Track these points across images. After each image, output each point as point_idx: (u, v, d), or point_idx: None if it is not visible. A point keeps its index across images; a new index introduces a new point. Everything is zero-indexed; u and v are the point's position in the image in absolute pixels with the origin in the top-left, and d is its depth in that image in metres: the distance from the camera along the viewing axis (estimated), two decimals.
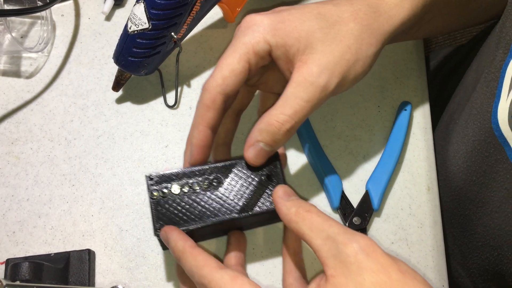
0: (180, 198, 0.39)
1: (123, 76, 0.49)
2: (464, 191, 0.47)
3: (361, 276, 0.31)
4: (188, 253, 0.35)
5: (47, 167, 0.49)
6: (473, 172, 0.45)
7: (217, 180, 0.40)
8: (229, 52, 0.39)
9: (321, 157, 0.48)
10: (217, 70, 0.39)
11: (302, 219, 0.34)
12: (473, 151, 0.44)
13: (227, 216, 0.39)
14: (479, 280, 0.48)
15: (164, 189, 0.39)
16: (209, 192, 0.39)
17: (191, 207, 0.39)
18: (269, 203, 0.39)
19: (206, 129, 0.39)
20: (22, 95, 0.52)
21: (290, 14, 0.39)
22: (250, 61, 0.39)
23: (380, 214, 0.48)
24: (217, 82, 0.38)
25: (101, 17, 0.56)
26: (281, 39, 0.38)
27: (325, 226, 0.33)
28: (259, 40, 0.38)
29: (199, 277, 0.34)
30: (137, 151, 0.50)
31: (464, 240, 0.49)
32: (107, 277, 0.44)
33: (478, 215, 0.46)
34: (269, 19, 0.39)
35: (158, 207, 0.39)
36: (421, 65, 0.55)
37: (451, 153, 0.49)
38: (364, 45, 0.40)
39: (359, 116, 0.52)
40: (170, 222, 0.38)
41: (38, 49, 0.53)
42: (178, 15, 0.45)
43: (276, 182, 0.40)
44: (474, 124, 0.45)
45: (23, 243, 0.45)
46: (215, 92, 0.38)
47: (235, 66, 0.38)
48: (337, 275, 0.31)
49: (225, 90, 0.39)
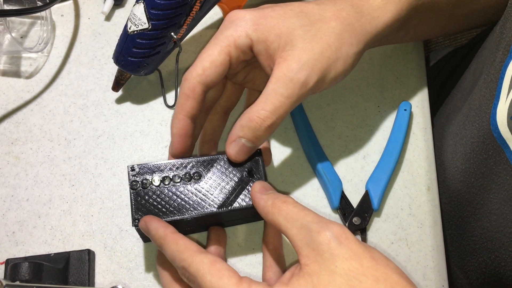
0: (160, 190, 0.39)
1: (123, 76, 0.49)
2: (462, 193, 0.47)
3: (333, 263, 0.31)
4: (170, 238, 0.36)
5: (47, 167, 0.49)
6: (472, 174, 0.45)
7: (198, 174, 0.40)
8: (211, 44, 0.40)
9: (321, 157, 0.48)
10: (198, 61, 0.39)
11: (278, 210, 0.35)
12: (471, 152, 0.44)
13: (206, 210, 0.39)
14: (477, 283, 0.48)
15: (145, 181, 0.39)
16: (189, 186, 0.40)
17: (170, 199, 0.39)
18: (248, 199, 0.40)
19: (185, 118, 0.40)
20: (22, 95, 0.52)
21: (273, 11, 0.40)
22: (231, 54, 0.39)
23: (380, 214, 0.48)
24: (197, 72, 0.39)
25: (101, 17, 0.56)
26: (262, 34, 0.39)
27: (300, 215, 0.34)
28: (240, 34, 0.39)
29: (179, 261, 0.35)
30: (137, 151, 0.50)
31: (462, 243, 0.49)
32: (107, 277, 0.44)
33: (476, 217, 0.46)
34: (251, 15, 0.39)
35: (138, 198, 0.39)
36: (421, 65, 0.55)
37: (448, 154, 0.49)
38: (345, 44, 0.39)
39: (359, 116, 0.52)
40: (149, 213, 0.39)
41: (38, 49, 0.53)
42: (178, 15, 0.45)
43: (258, 178, 0.40)
44: (472, 125, 0.44)
45: (23, 243, 0.45)
46: (195, 81, 0.39)
47: (216, 57, 0.39)
48: (310, 263, 0.32)
49: (204, 81, 0.39)
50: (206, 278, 0.33)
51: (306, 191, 0.48)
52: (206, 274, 0.33)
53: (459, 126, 0.47)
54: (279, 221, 0.34)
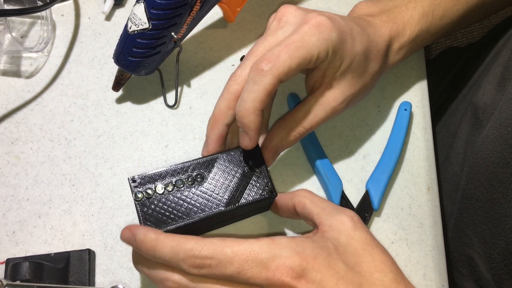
0: (165, 197, 0.39)
1: (123, 76, 0.49)
2: (494, 175, 0.47)
3: (352, 232, 0.37)
4: (163, 237, 0.35)
5: (47, 167, 0.49)
6: (508, 154, 0.45)
7: (201, 176, 0.40)
8: (297, 45, 0.39)
9: (321, 157, 0.48)
10: (286, 57, 0.38)
11: (303, 194, 0.41)
12: (508, 134, 0.44)
13: (214, 211, 0.39)
14: (501, 265, 0.48)
15: (148, 190, 0.39)
16: (193, 189, 0.40)
17: (177, 205, 0.39)
18: (254, 193, 0.40)
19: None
20: (22, 95, 0.52)
21: (352, 37, 0.42)
22: (304, 66, 0.40)
23: (380, 214, 0.48)
24: (284, 69, 0.39)
25: (101, 17, 0.56)
26: (340, 58, 0.41)
27: (321, 199, 0.41)
28: (325, 49, 0.40)
29: (185, 252, 0.34)
30: (137, 151, 0.50)
31: (488, 225, 0.49)
32: (107, 277, 0.44)
33: (509, 197, 0.46)
34: (337, 32, 0.40)
35: (144, 208, 0.39)
36: (421, 65, 0.55)
37: (480, 139, 0.49)
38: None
39: (359, 116, 0.52)
40: (158, 221, 0.38)
41: (38, 49, 0.53)
42: (178, 15, 0.45)
43: (259, 172, 0.40)
44: (509, 108, 0.44)
45: (23, 243, 0.45)
46: (276, 80, 0.39)
47: (292, 72, 0.39)
48: (331, 230, 0.37)
49: (280, 77, 0.39)
50: (227, 251, 0.33)
51: None
52: (224, 247, 0.33)
53: (496, 111, 0.48)
54: (304, 202, 0.40)
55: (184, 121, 0.51)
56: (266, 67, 0.38)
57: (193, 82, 0.53)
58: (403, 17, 0.47)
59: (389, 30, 0.46)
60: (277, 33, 0.41)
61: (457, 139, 0.54)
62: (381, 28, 0.46)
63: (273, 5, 0.58)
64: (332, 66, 0.41)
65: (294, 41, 0.39)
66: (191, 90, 0.53)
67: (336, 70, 0.42)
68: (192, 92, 0.52)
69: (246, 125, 0.39)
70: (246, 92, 0.38)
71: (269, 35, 0.41)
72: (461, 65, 0.67)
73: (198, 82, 0.53)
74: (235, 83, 0.40)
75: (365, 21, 0.45)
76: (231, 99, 0.40)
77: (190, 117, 0.51)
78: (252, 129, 0.39)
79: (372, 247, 0.36)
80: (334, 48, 0.40)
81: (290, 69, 0.38)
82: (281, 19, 0.42)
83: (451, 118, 0.60)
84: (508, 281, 0.47)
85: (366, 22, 0.45)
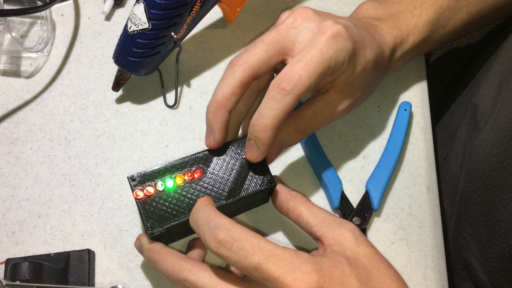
0: (166, 194, 0.39)
1: (123, 76, 0.49)
2: (491, 178, 0.47)
3: (356, 247, 0.37)
4: (198, 203, 0.38)
5: (47, 167, 0.49)
6: (504, 158, 0.45)
7: (200, 171, 0.40)
8: (317, 61, 0.39)
9: (321, 157, 0.48)
10: (306, 76, 0.39)
11: (301, 200, 0.41)
12: (505, 137, 0.44)
13: (216, 204, 0.39)
14: (497, 270, 0.48)
15: (149, 188, 0.39)
16: (194, 184, 0.40)
17: (178, 200, 0.39)
18: (254, 185, 0.40)
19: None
20: (22, 95, 0.52)
21: (364, 46, 0.42)
22: (326, 72, 0.40)
23: (380, 214, 0.48)
24: (308, 76, 0.39)
25: (101, 17, 0.56)
26: (351, 66, 0.42)
27: (320, 210, 0.40)
28: (341, 60, 0.40)
29: (215, 223, 0.35)
30: (137, 151, 0.50)
31: (485, 229, 0.49)
32: (107, 277, 0.44)
33: (504, 202, 0.46)
34: (353, 45, 0.41)
35: (145, 206, 0.39)
36: (421, 65, 0.55)
37: (478, 141, 0.49)
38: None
39: (359, 116, 0.52)
40: (160, 219, 0.39)
41: (38, 49, 0.53)
42: (178, 15, 0.45)
43: (257, 163, 0.40)
44: (506, 111, 0.45)
45: (23, 243, 0.45)
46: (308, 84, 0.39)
47: (318, 77, 0.39)
48: (336, 244, 0.37)
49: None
50: (253, 241, 0.34)
51: (306, 191, 0.48)
52: (252, 238, 0.34)
53: (494, 114, 0.48)
54: (301, 210, 0.40)
55: (184, 121, 0.51)
56: (288, 86, 0.38)
57: (193, 82, 0.53)
58: (408, 24, 0.48)
59: (394, 37, 0.47)
60: (290, 31, 0.41)
61: (456, 140, 0.55)
62: (387, 35, 0.46)
63: (273, 5, 0.58)
64: (344, 73, 0.42)
65: (313, 57, 0.38)
66: (191, 90, 0.53)
67: (348, 76, 0.42)
68: (192, 92, 0.52)
69: (261, 140, 0.39)
70: (266, 108, 0.38)
71: (282, 29, 0.41)
72: (461, 65, 0.67)
73: (198, 82, 0.53)
74: (240, 69, 0.39)
75: (373, 26, 0.46)
76: (236, 86, 0.39)
77: (190, 117, 0.51)
78: (265, 144, 0.39)
79: (377, 262, 0.37)
80: (349, 58, 0.41)
81: (310, 86, 0.38)
82: (297, 19, 0.41)
83: (450, 119, 0.60)
84: (504, 285, 0.47)
85: (374, 27, 0.45)
